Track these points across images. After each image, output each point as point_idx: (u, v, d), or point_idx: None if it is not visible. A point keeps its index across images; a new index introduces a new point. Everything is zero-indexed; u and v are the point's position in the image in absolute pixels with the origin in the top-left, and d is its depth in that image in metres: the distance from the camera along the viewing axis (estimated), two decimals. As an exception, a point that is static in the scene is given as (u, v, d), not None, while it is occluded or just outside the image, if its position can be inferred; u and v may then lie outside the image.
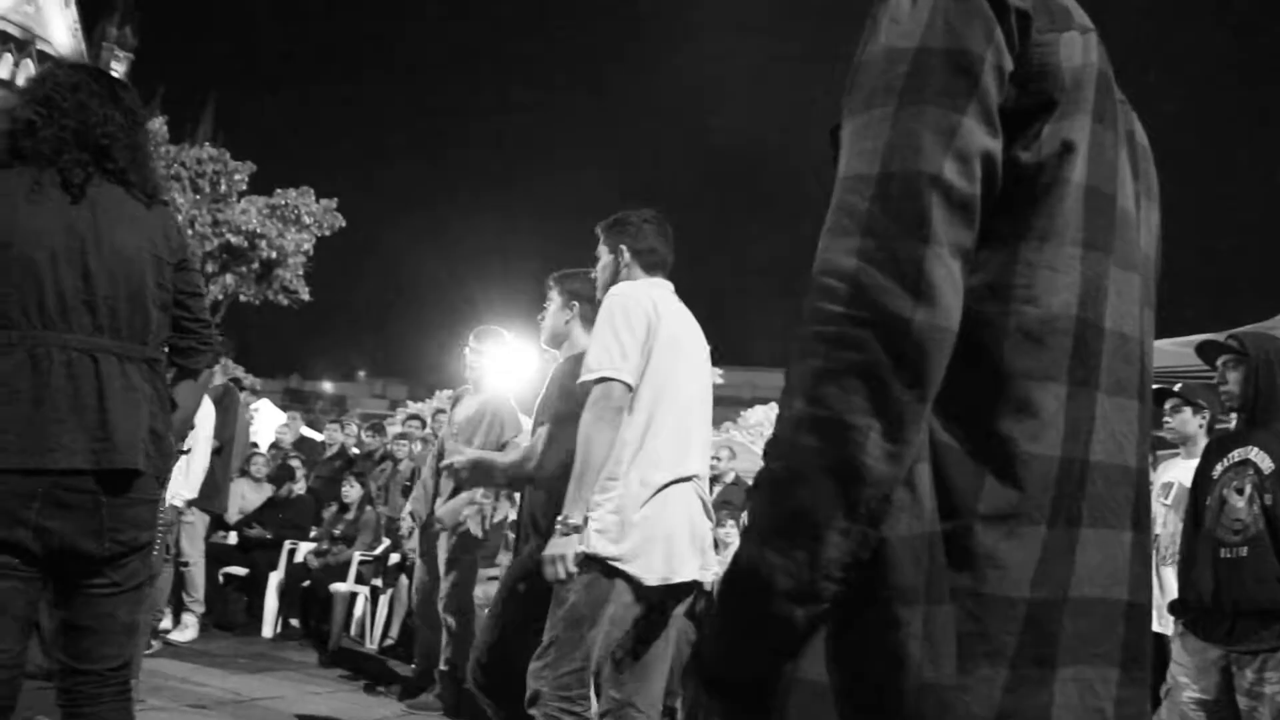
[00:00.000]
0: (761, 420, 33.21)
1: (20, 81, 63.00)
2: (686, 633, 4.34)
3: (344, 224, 28.37)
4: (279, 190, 27.73)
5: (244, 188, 28.06)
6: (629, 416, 3.02)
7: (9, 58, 62.77)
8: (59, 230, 2.34)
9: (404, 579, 7.71)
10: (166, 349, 2.59)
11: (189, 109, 64.40)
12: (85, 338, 2.33)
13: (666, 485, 3.04)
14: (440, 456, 5.45)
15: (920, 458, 0.97)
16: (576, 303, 3.71)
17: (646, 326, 3.05)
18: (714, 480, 9.04)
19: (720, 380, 33.73)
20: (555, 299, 3.76)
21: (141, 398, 2.40)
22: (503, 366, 6.09)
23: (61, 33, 65.75)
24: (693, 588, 3.19)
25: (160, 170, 25.79)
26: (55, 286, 2.31)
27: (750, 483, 3.31)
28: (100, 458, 2.30)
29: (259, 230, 26.57)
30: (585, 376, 3.04)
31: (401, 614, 7.74)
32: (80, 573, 2.34)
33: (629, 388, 3.00)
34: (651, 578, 2.99)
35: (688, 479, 3.11)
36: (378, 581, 7.97)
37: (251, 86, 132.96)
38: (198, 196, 26.81)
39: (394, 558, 8.08)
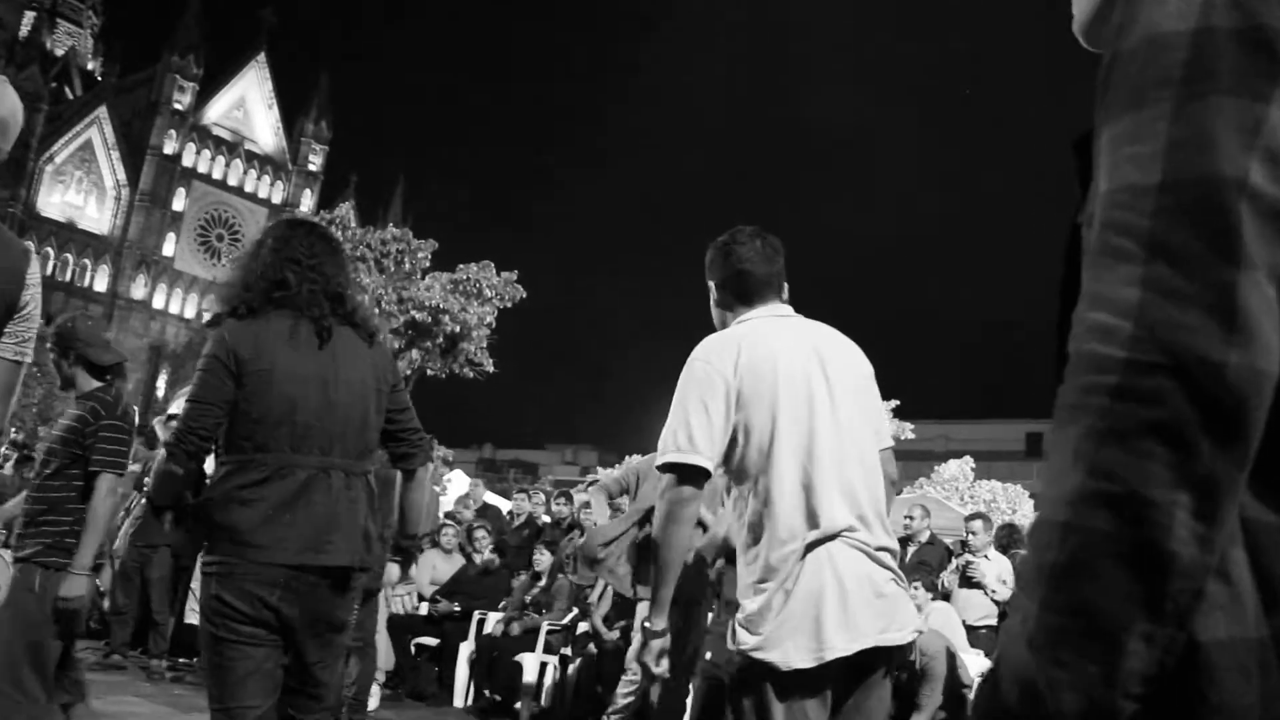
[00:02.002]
0: (956, 475, 32.00)
1: (234, 182, 68.08)
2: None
3: (524, 295, 29.06)
4: (461, 265, 28.67)
5: (427, 264, 29.14)
6: (739, 491, 2.63)
7: (221, 160, 67.93)
8: (312, 370, 2.88)
9: (592, 647, 7.62)
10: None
11: (379, 194, 67.78)
12: (320, 458, 2.84)
13: (803, 553, 2.54)
14: None
15: (1232, 540, 0.79)
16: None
17: (724, 393, 2.58)
18: (906, 540, 8.64)
19: (911, 435, 32.87)
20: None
21: (361, 508, 2.89)
22: None
23: (266, 133, 70.76)
24: (879, 656, 2.57)
25: (348, 254, 27.31)
26: (304, 418, 2.84)
27: (966, 556, 2.95)
28: (324, 557, 2.81)
29: (442, 305, 27.44)
30: (656, 460, 2.64)
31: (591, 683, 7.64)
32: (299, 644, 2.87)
33: (704, 472, 2.55)
34: (799, 661, 2.48)
35: (832, 537, 2.55)
36: (567, 650, 7.90)
37: (436, 169, 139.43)
38: (383, 276, 27.97)
39: (582, 626, 8.01)
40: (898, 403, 31.40)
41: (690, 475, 2.54)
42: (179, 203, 65.54)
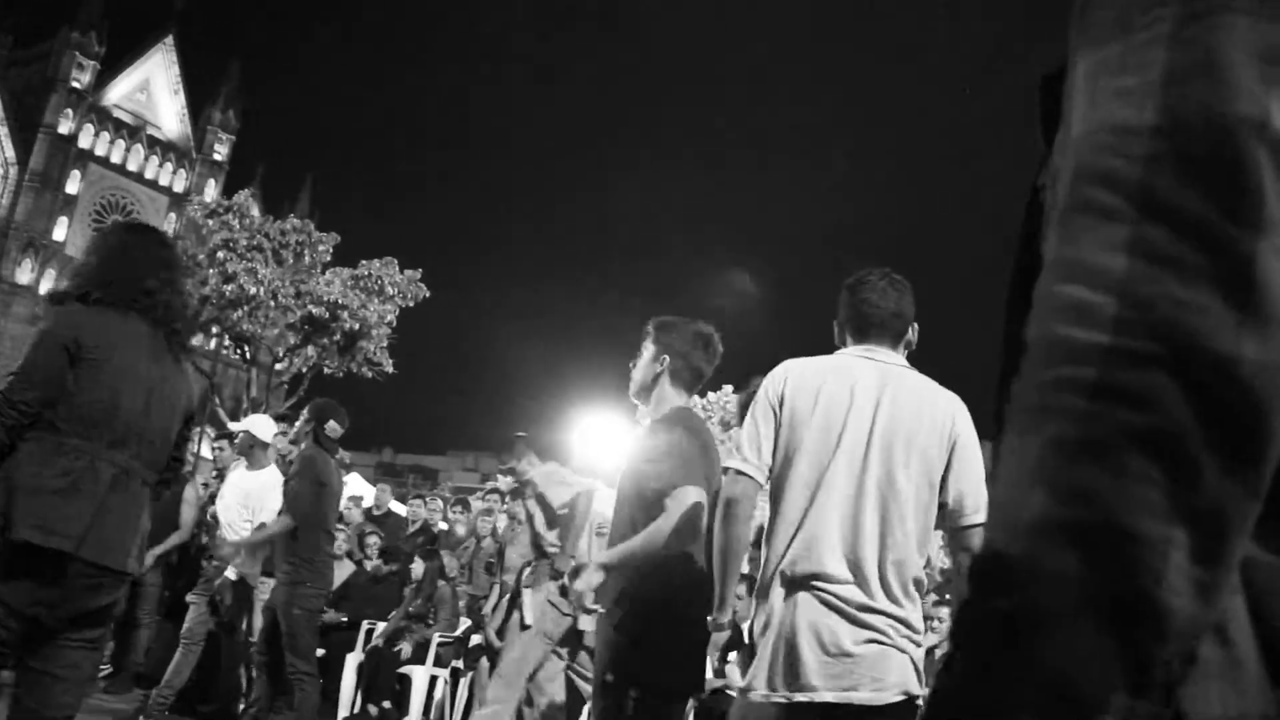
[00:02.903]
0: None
1: (133, 167, 65.92)
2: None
3: (428, 295, 28.61)
4: (364, 262, 28.13)
5: (328, 259, 28.54)
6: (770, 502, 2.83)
7: (121, 144, 65.71)
8: (144, 377, 2.92)
9: (485, 661, 7.42)
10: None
11: (287, 189, 66.40)
12: (129, 460, 2.90)
13: (780, 583, 2.69)
14: None
15: (1232, 589, 0.62)
16: (668, 356, 3.39)
17: (771, 414, 2.81)
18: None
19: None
20: (649, 348, 3.45)
21: (145, 517, 2.99)
22: (600, 442, 6.05)
23: (171, 118, 68.75)
24: (855, 713, 2.60)
25: (244, 242, 26.62)
26: (124, 418, 2.87)
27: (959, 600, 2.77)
28: (120, 561, 2.90)
29: (341, 301, 26.90)
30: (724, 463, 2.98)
31: (483, 696, 7.43)
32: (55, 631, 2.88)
33: (754, 480, 2.79)
34: (760, 689, 2.64)
35: (805, 578, 2.65)
36: (458, 663, 7.69)
37: (348, 167, 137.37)
38: (281, 268, 27.31)
39: (475, 639, 7.80)
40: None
41: (740, 479, 2.77)
42: (73, 185, 63.12)
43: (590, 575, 3.04)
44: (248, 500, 6.53)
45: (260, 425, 6.90)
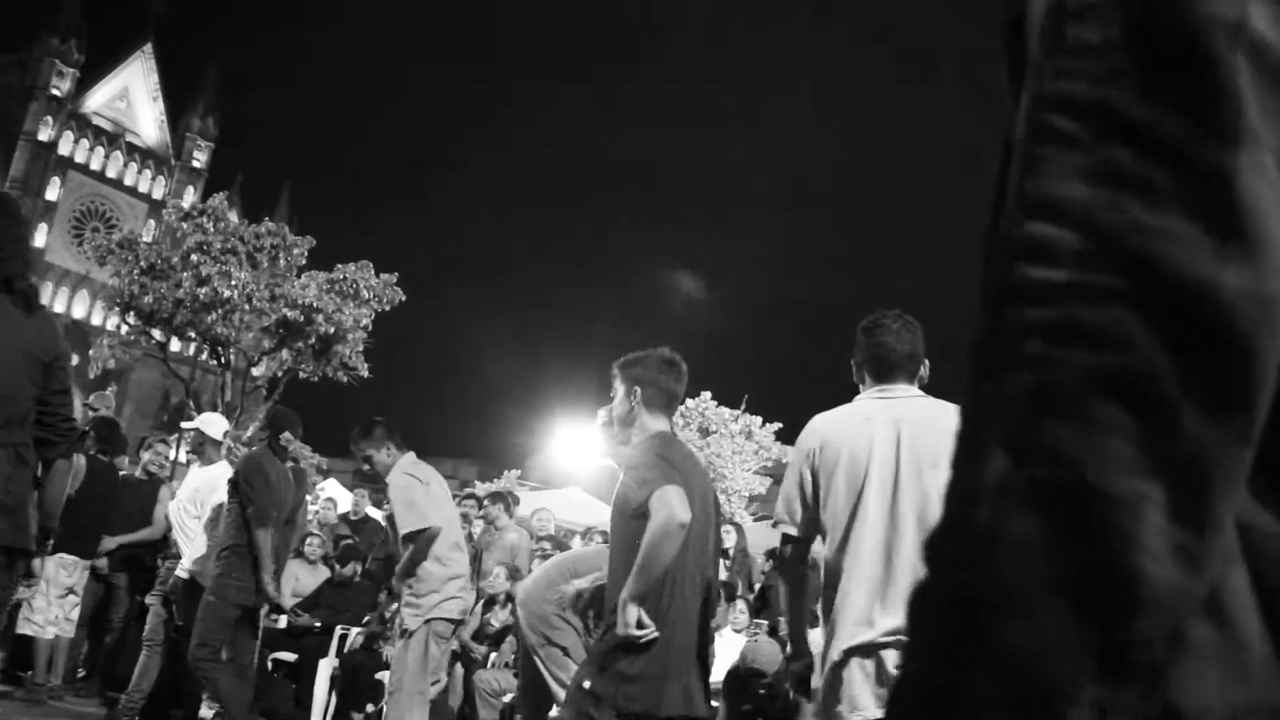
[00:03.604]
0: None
1: (113, 174, 65.56)
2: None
3: (404, 299, 28.46)
4: (339, 265, 27.98)
5: (304, 262, 28.37)
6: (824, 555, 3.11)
7: (100, 151, 65.39)
8: None
9: (459, 668, 7.36)
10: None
11: (266, 196, 66.03)
12: None
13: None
14: None
15: (1228, 558, 0.54)
16: (639, 388, 3.53)
17: (806, 469, 3.09)
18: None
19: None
20: (619, 387, 3.58)
21: (4, 480, 2.72)
22: (578, 448, 5.97)
23: (150, 126, 68.45)
24: None
25: (218, 245, 26.42)
26: None
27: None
28: None
29: (316, 305, 26.74)
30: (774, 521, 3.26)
31: (457, 703, 7.37)
32: None
33: (800, 540, 3.14)
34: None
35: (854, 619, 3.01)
36: (433, 669, 7.61)
37: (326, 175, 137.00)
38: (256, 271, 27.13)
39: (450, 645, 7.74)
40: (780, 425, 31.69)
41: (788, 540, 3.12)
42: (53, 192, 62.76)
43: (630, 613, 3.11)
44: (196, 496, 6.56)
45: (211, 422, 6.99)
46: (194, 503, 6.53)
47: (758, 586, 9.01)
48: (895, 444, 2.94)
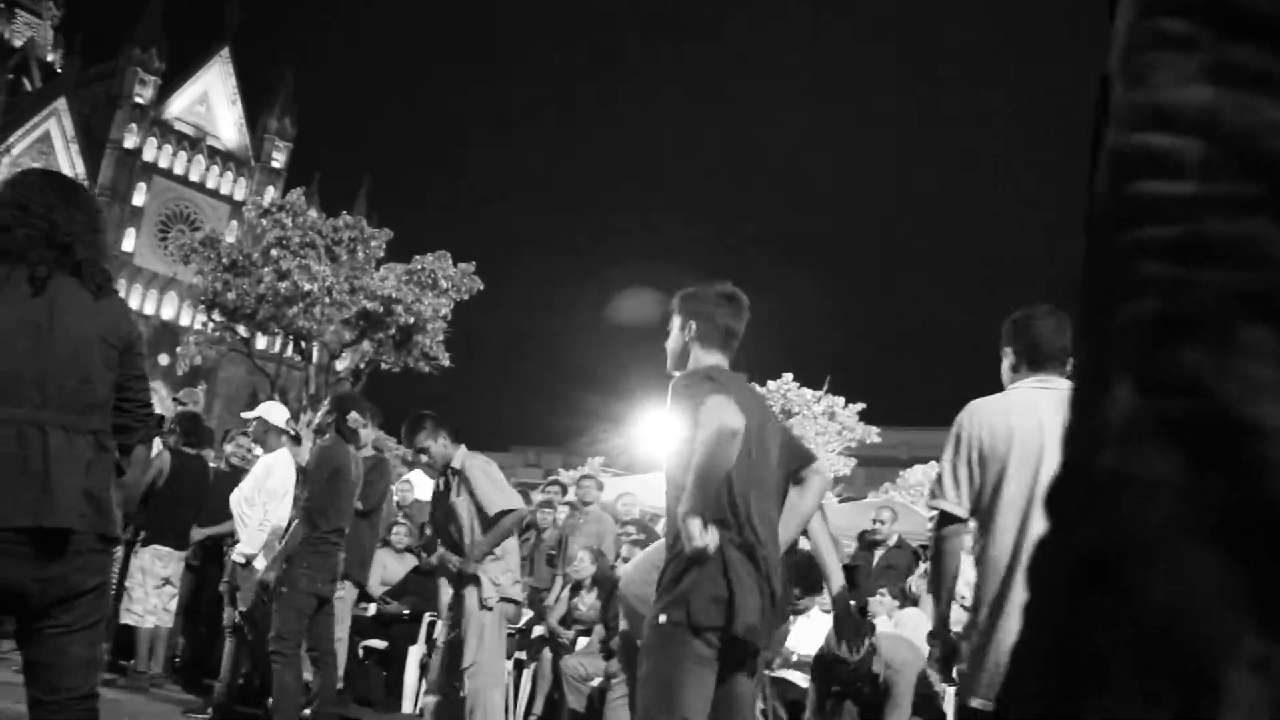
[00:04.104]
0: (920, 480, 31.95)
1: (195, 178, 67.18)
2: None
3: (482, 287, 28.58)
4: (417, 256, 28.18)
5: (382, 254, 28.66)
6: (978, 531, 3.15)
7: (183, 155, 66.97)
8: (15, 320, 2.65)
9: (547, 653, 7.35)
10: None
11: (342, 191, 67.04)
12: (32, 412, 2.63)
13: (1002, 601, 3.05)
14: None
15: None
16: (694, 321, 3.35)
17: (971, 450, 3.12)
18: (874, 544, 8.48)
19: (877, 439, 32.84)
20: (675, 320, 3.43)
21: (81, 465, 2.67)
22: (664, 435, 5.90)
23: (229, 128, 69.89)
24: None
25: (297, 240, 26.78)
26: (10, 366, 2.63)
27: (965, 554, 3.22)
28: (40, 517, 2.58)
29: (395, 296, 26.97)
30: (926, 501, 3.40)
31: (545, 688, 7.36)
32: (32, 616, 2.65)
33: (959, 519, 3.13)
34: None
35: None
36: (522, 655, 7.62)
37: (404, 169, 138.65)
38: (335, 264, 27.46)
39: (538, 630, 7.72)
40: (864, 406, 31.32)
41: (947, 517, 3.12)
42: (139, 198, 64.48)
43: (693, 525, 2.96)
44: (255, 483, 6.63)
45: (272, 411, 7.01)
46: (257, 490, 6.58)
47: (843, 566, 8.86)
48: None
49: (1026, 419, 3.04)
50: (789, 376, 31.11)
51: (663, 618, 3.05)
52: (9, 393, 2.63)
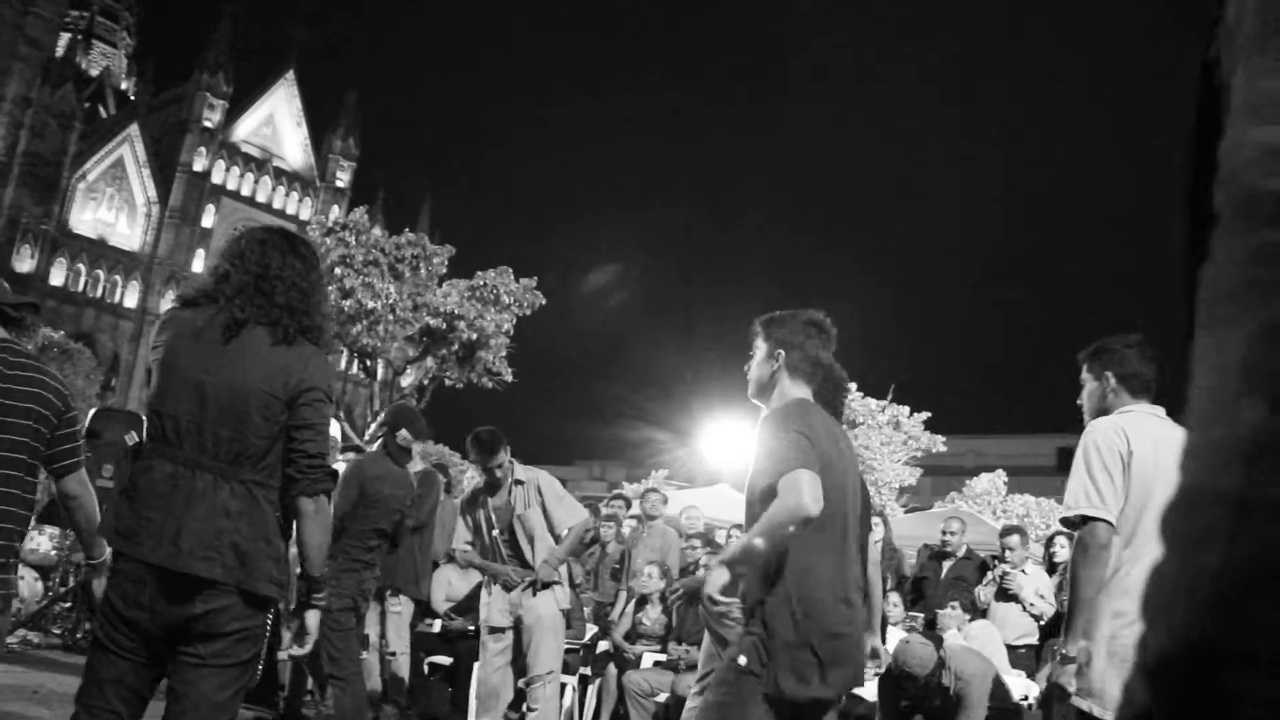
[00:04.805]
0: (988, 489, 31.44)
1: (262, 198, 68.49)
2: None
3: (544, 302, 28.75)
4: (479, 272, 28.43)
5: (444, 271, 28.94)
6: (1119, 544, 3.16)
7: (250, 177, 68.30)
8: (203, 365, 2.76)
9: (611, 668, 7.30)
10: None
11: (406, 210, 67.88)
12: (192, 455, 2.72)
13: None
14: None
15: None
16: (783, 351, 3.25)
17: (1121, 463, 3.16)
18: (943, 555, 8.34)
19: (943, 448, 32.37)
20: (760, 347, 3.31)
21: (221, 513, 2.70)
22: (728, 447, 5.92)
23: (294, 150, 71.11)
24: None
25: (360, 258, 27.04)
26: (183, 410, 2.75)
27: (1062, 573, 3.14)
28: (169, 560, 2.66)
29: (458, 312, 27.22)
30: (1063, 513, 3.22)
31: (610, 704, 7.31)
32: (168, 643, 2.74)
33: (1111, 526, 3.12)
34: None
35: None
36: (586, 670, 7.58)
37: (466, 186, 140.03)
38: (399, 282, 27.78)
39: (603, 645, 7.69)
40: (929, 415, 30.91)
41: (1098, 525, 3.12)
42: (208, 219, 65.87)
43: (716, 574, 2.95)
44: None
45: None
46: None
47: (910, 578, 8.73)
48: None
49: (1162, 440, 3.16)
50: (853, 386, 30.79)
51: (742, 660, 2.91)
52: (173, 437, 2.75)
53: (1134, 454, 3.16)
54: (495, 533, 5.74)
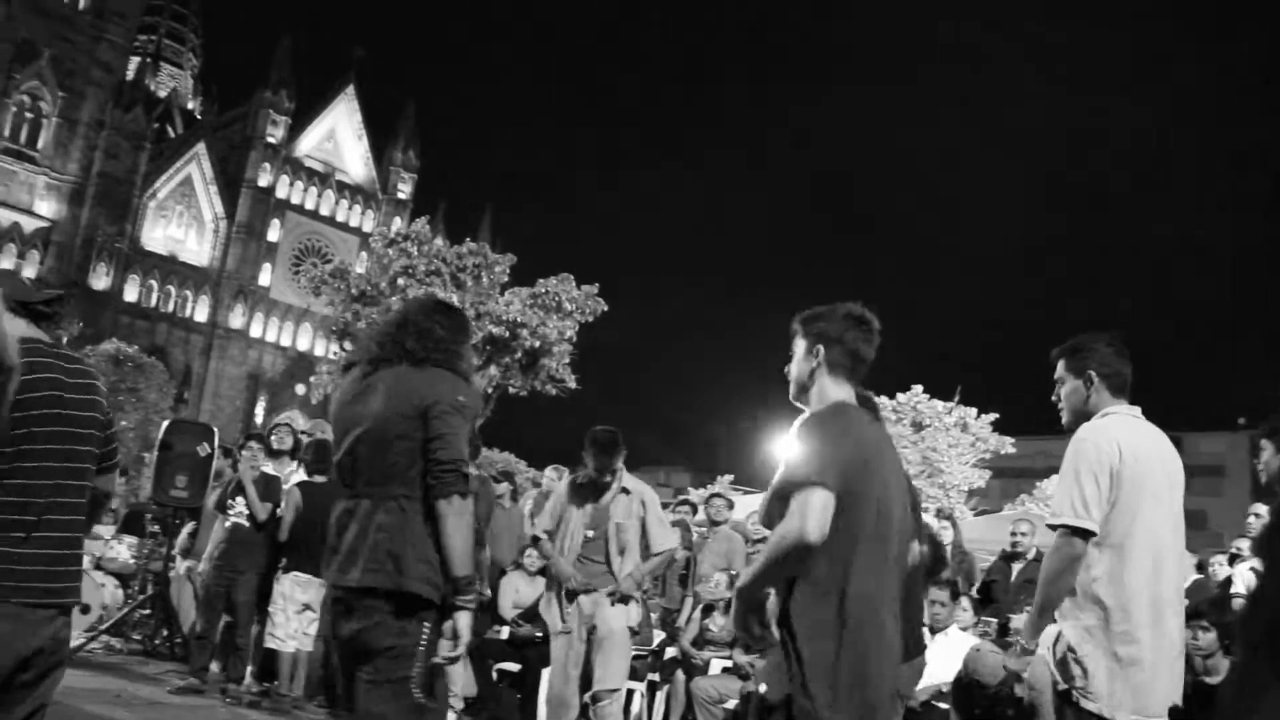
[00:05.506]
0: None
1: (325, 212, 69.53)
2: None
3: (606, 309, 28.83)
4: (540, 280, 28.58)
5: (506, 279, 29.13)
6: (1098, 554, 3.16)
7: (313, 191, 69.41)
8: (356, 413, 3.18)
9: (680, 674, 7.29)
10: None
11: (467, 220, 68.48)
12: (360, 487, 3.12)
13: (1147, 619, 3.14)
14: None
15: None
16: (822, 346, 3.02)
17: (1109, 471, 3.15)
18: (1013, 557, 8.19)
19: (1011, 449, 31.85)
20: (799, 344, 3.09)
21: (376, 527, 3.02)
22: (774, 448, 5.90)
23: (356, 163, 72.13)
24: None
25: (422, 268, 27.26)
26: (347, 452, 3.16)
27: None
28: (342, 577, 3.03)
29: (520, 320, 27.39)
30: (1050, 520, 3.23)
31: (679, 710, 7.30)
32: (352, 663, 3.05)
33: (1091, 536, 3.13)
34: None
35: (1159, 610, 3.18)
36: (654, 677, 7.57)
37: (526, 195, 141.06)
38: (461, 291, 28.03)
39: (670, 651, 7.67)
40: (996, 416, 30.46)
41: (1080, 534, 3.12)
42: (274, 233, 67.06)
43: (734, 611, 2.85)
44: None
45: None
46: None
47: (979, 583, 8.58)
48: (1168, 465, 3.29)
49: (1153, 451, 3.24)
50: (919, 389, 30.45)
51: (763, 688, 2.90)
52: (344, 474, 3.18)
53: (1125, 461, 3.16)
54: (588, 533, 5.65)
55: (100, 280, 59.67)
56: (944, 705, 5.96)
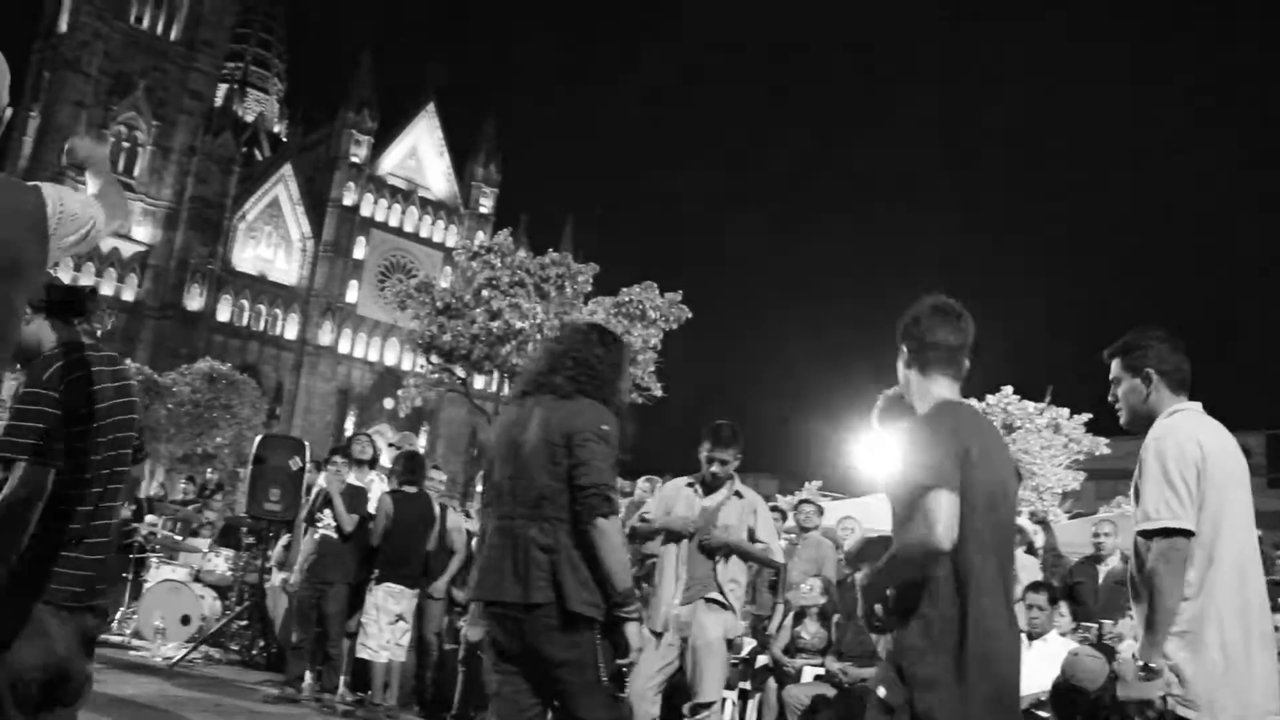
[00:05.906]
0: (1157, 491, 29.85)
1: (409, 228, 70.70)
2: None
3: (690, 316, 28.76)
4: (624, 289, 28.63)
5: (589, 289, 29.25)
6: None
7: (397, 208, 70.66)
8: (508, 438, 3.41)
9: (771, 682, 7.20)
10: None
11: (548, 232, 69.05)
12: (511, 509, 3.31)
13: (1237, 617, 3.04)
14: None
15: None
16: (905, 344, 3.05)
17: (1195, 469, 3.05)
18: (1096, 560, 7.92)
19: (1107, 450, 30.96)
20: (901, 351, 3.07)
21: (530, 548, 3.22)
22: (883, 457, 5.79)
23: (438, 179, 73.23)
24: None
25: (506, 280, 27.55)
26: (497, 479, 3.41)
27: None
28: (500, 593, 3.24)
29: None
30: (1145, 526, 3.05)
31: (771, 718, 7.21)
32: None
33: (1189, 533, 3.00)
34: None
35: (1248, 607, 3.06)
36: (745, 684, 7.49)
37: (607, 205, 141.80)
38: (545, 302, 28.23)
39: (761, 659, 7.59)
40: (1090, 416, 29.67)
41: (1182, 535, 2.98)
42: (359, 251, 68.39)
43: (863, 601, 2.89)
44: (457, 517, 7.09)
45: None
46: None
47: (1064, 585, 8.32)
48: (1243, 464, 3.18)
49: (1226, 443, 3.13)
50: (1009, 389, 29.78)
51: (881, 691, 2.77)
52: (499, 499, 3.36)
53: (1207, 459, 3.05)
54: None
55: (194, 301, 61.51)
56: (1044, 714, 5.79)
